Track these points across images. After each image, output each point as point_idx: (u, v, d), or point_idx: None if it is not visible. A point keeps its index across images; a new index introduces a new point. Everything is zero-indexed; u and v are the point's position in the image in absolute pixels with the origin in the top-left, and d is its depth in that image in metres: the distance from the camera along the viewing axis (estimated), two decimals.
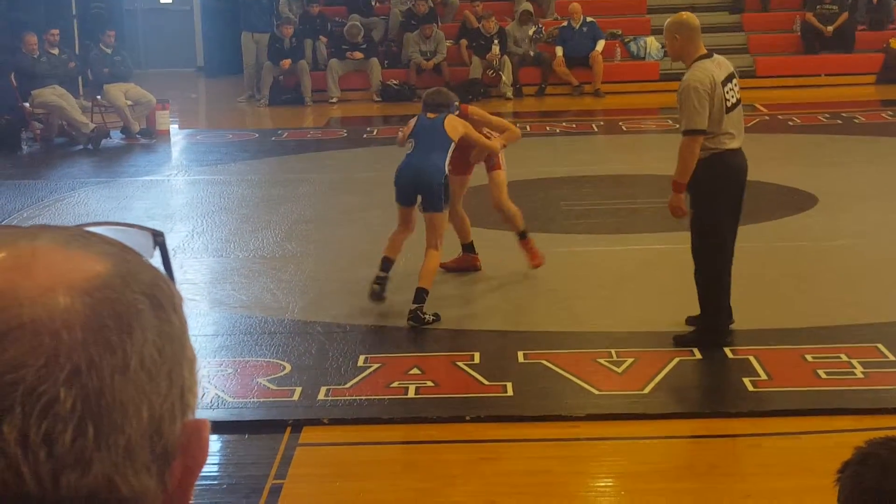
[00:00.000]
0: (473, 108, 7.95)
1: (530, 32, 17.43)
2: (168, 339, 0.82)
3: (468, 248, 8.09)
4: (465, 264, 8.08)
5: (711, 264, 6.36)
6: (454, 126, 7.26)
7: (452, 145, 7.21)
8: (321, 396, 5.87)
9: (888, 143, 12.75)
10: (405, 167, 7.25)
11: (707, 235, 6.35)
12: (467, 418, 5.63)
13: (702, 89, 6.17)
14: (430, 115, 7.41)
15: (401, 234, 7.38)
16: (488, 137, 7.66)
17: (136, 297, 0.81)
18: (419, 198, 7.22)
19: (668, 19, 6.51)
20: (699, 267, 6.41)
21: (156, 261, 0.90)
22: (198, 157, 13.47)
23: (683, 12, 6.67)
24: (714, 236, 6.34)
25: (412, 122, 7.54)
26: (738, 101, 6.36)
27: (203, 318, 7.23)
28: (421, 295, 7.00)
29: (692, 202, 6.40)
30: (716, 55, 6.41)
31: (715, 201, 6.29)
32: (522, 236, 7.99)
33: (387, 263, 7.29)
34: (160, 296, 0.83)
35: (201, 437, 0.85)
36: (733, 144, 6.30)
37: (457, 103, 7.62)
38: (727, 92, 6.24)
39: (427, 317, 6.96)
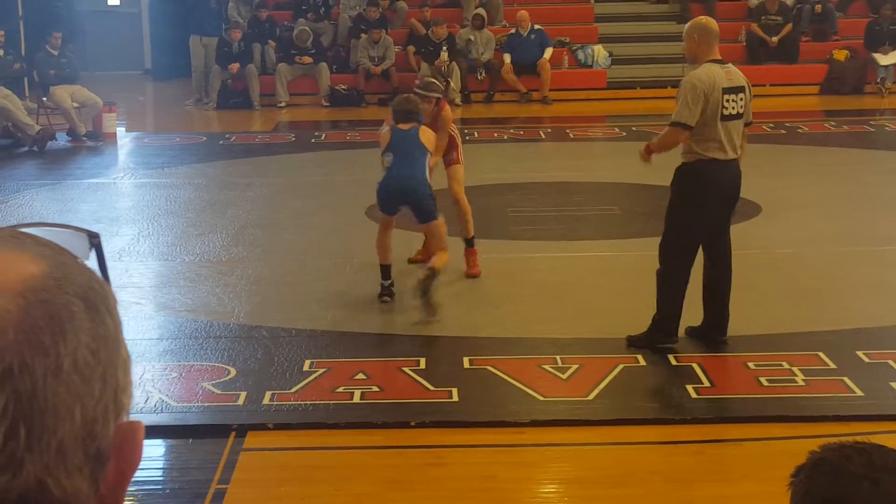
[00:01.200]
0: (448, 109, 8.08)
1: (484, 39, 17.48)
2: (102, 341, 0.82)
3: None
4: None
5: (670, 264, 6.42)
6: (428, 137, 7.43)
7: (429, 155, 7.39)
8: (266, 401, 5.85)
9: (831, 153, 12.91)
10: (390, 179, 7.38)
11: (674, 237, 6.44)
12: (412, 424, 5.63)
13: (699, 87, 6.23)
14: (402, 125, 7.46)
15: (384, 235, 7.57)
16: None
17: (70, 300, 0.81)
18: (402, 208, 7.43)
19: (690, 22, 6.61)
20: (661, 264, 6.49)
21: (91, 262, 0.90)
22: (145, 160, 13.36)
23: (704, 17, 6.79)
24: (680, 239, 6.41)
25: (386, 131, 7.58)
26: (740, 114, 6.35)
27: (148, 322, 7.18)
28: (434, 273, 7.19)
29: (670, 202, 6.48)
30: (730, 65, 6.45)
31: (691, 207, 6.36)
32: (469, 244, 8.03)
33: (386, 270, 7.54)
34: (94, 298, 0.83)
35: (135, 438, 0.85)
36: (720, 155, 6.34)
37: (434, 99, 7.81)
38: (727, 100, 6.28)
39: (431, 292, 7.09)
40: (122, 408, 0.85)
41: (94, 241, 0.93)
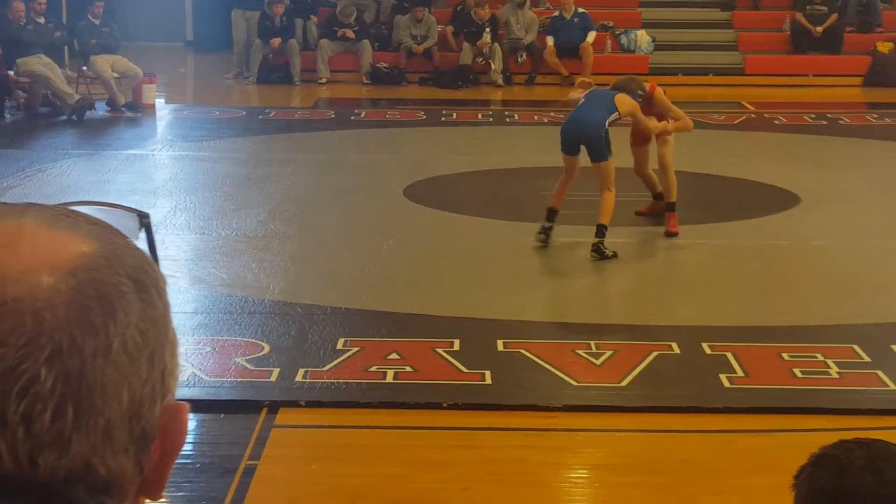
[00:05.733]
0: (659, 92, 8.69)
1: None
2: (151, 322, 0.83)
3: (658, 196, 8.98)
4: (656, 209, 8.99)
5: None
6: (623, 101, 8.07)
7: (616, 114, 8.00)
8: (299, 378, 5.87)
9: (872, 146, 12.79)
10: (570, 119, 8.15)
11: None
12: (444, 405, 5.64)
13: None
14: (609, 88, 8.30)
15: (565, 181, 8.22)
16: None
17: (121, 280, 0.81)
18: (582, 148, 8.03)
19: None
20: None
21: (141, 242, 0.90)
22: (183, 132, 13.42)
23: None
24: None
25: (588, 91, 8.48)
26: None
27: (183, 296, 7.22)
28: (601, 230, 7.88)
29: None
30: None
31: None
32: (669, 208, 8.70)
33: (552, 213, 8.17)
34: (144, 279, 0.83)
35: (180, 420, 0.86)
36: None
37: (640, 92, 8.38)
38: None
39: (608, 251, 7.84)
40: (168, 389, 0.85)
41: (145, 221, 0.94)
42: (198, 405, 5.52)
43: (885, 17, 18.14)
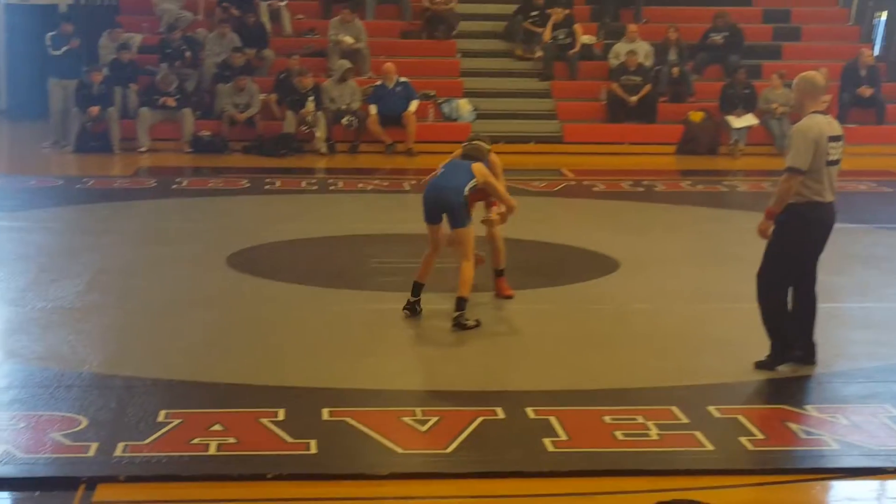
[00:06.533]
0: (493, 157, 8.73)
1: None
2: None
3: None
4: None
5: (769, 289, 7.09)
6: (480, 170, 8.27)
7: (473, 181, 8.19)
8: (118, 452, 5.70)
9: (686, 212, 13.25)
10: (431, 187, 8.28)
11: (774, 268, 7.05)
12: (269, 476, 5.55)
13: (809, 136, 6.83)
14: (463, 159, 8.42)
15: (431, 255, 8.41)
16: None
17: None
18: (444, 217, 8.20)
19: (800, 75, 7.08)
20: (759, 290, 7.14)
21: None
22: None
23: (813, 71, 7.26)
24: (780, 271, 7.05)
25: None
26: (838, 160, 6.98)
27: None
28: (461, 303, 8.01)
29: (775, 238, 7.01)
30: (829, 116, 7.06)
31: (797, 244, 6.99)
32: (500, 274, 8.98)
33: (417, 287, 8.31)
34: None
35: None
36: (827, 197, 6.96)
37: (487, 151, 8.57)
38: (831, 148, 6.89)
39: (469, 322, 7.98)
40: None
41: None
42: (12, 483, 5.32)
43: (697, 87, 18.90)
